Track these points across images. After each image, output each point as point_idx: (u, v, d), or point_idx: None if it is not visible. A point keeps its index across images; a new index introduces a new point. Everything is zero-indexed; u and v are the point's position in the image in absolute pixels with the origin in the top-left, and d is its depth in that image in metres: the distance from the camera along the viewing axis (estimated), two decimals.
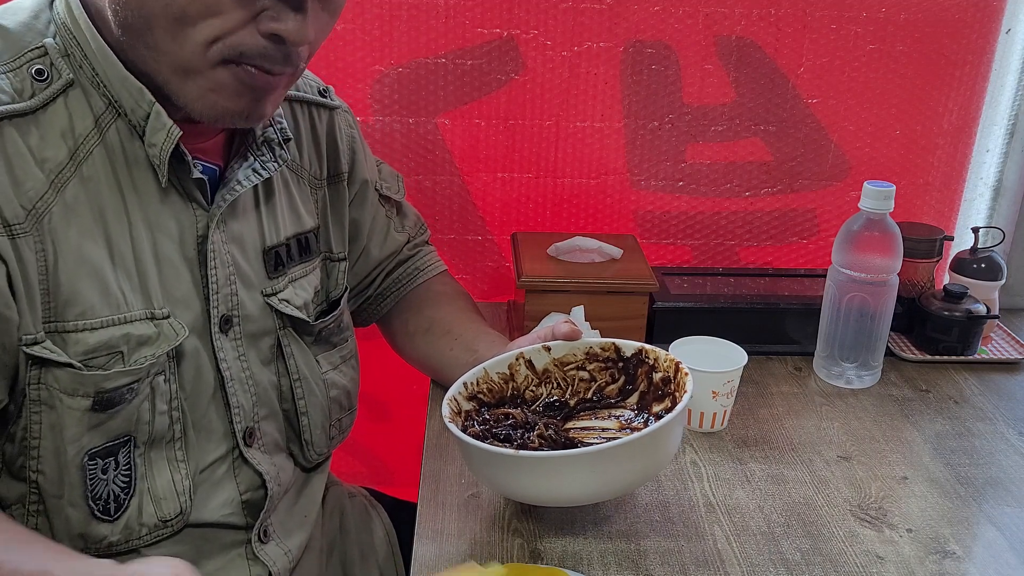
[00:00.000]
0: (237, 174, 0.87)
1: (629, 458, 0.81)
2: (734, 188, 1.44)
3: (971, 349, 1.27)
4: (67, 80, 0.77)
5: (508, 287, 1.47)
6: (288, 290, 0.94)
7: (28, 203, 0.74)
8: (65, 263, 0.76)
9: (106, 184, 0.79)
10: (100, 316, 0.78)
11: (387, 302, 1.15)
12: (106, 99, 0.79)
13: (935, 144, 1.44)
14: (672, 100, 1.38)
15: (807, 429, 1.11)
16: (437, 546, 0.89)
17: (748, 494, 0.98)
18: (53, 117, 0.76)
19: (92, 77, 0.78)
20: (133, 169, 0.80)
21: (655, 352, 0.95)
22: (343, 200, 1.05)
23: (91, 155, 0.78)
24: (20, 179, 0.74)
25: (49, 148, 0.76)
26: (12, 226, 0.73)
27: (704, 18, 1.34)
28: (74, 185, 0.77)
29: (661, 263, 1.47)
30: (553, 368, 0.98)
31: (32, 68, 0.76)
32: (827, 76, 1.38)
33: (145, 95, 0.78)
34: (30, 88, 0.76)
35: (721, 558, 0.88)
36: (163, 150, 0.79)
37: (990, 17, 1.36)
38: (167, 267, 0.83)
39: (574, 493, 0.83)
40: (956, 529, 0.93)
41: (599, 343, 0.98)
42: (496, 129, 1.38)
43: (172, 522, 0.85)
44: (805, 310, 1.27)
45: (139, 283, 0.81)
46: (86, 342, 0.78)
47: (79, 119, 0.78)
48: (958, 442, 1.09)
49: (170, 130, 0.79)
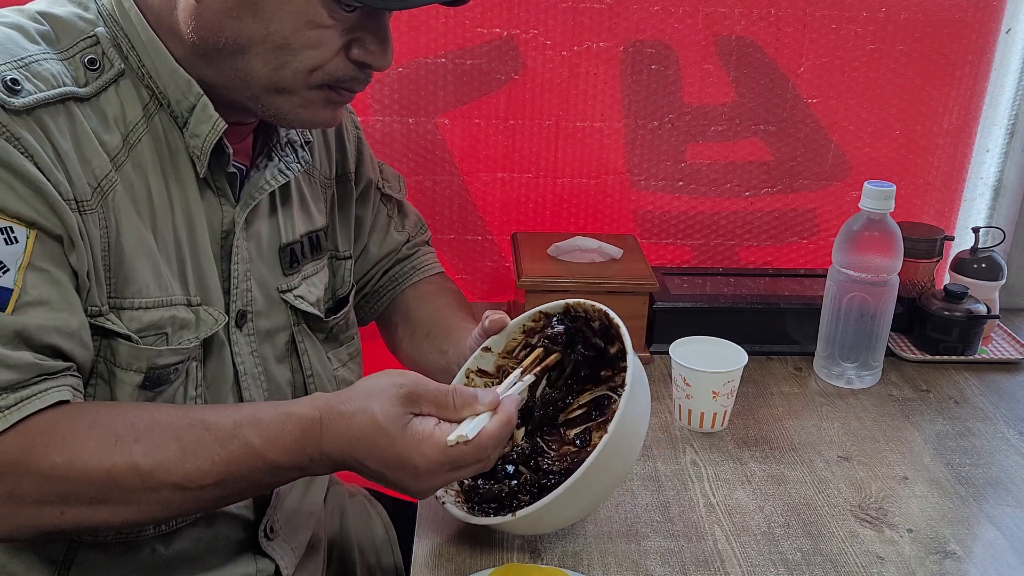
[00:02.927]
0: (264, 173, 0.89)
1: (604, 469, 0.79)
2: (734, 188, 1.44)
3: (971, 349, 1.27)
4: (118, 70, 0.79)
5: (508, 287, 1.47)
6: (302, 287, 0.95)
7: (94, 181, 0.76)
8: (125, 241, 0.78)
9: (152, 172, 0.81)
10: (153, 296, 0.80)
11: (382, 300, 1.15)
12: (150, 90, 0.81)
13: (935, 144, 1.43)
14: (672, 100, 1.38)
15: (807, 429, 1.11)
16: (437, 546, 0.88)
17: (748, 494, 0.98)
18: (106, 104, 0.78)
19: (138, 67, 0.80)
20: (175, 159, 0.82)
21: (581, 304, 0.91)
22: (350, 199, 1.06)
23: (140, 142, 0.80)
24: (88, 156, 0.76)
25: (106, 132, 0.78)
26: (81, 202, 0.74)
27: (704, 18, 1.34)
28: (127, 169, 0.79)
29: (661, 263, 1.47)
30: (503, 361, 0.94)
31: (85, 57, 0.78)
32: (827, 76, 1.38)
33: (193, 87, 0.81)
34: (84, 76, 0.77)
35: (721, 558, 0.88)
36: (207, 141, 0.81)
37: (990, 17, 1.36)
38: (201, 257, 0.85)
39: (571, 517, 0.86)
40: (956, 529, 0.93)
41: (529, 315, 0.94)
42: (496, 129, 1.38)
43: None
44: (805, 310, 1.27)
45: (177, 269, 0.83)
46: (140, 320, 0.79)
47: (129, 107, 0.80)
48: (958, 442, 1.09)
49: (215, 123, 0.81)
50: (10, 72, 0.72)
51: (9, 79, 0.71)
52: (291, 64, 0.78)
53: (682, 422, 1.10)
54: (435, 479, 0.75)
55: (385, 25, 0.81)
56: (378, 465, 0.74)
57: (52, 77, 0.74)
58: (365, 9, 0.78)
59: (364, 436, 0.73)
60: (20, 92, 0.71)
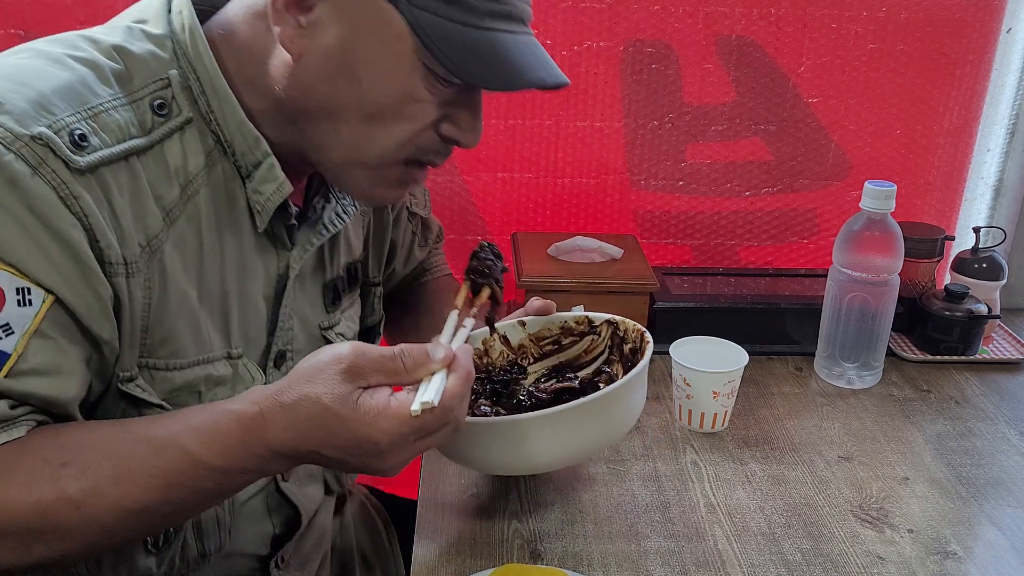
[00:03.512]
0: (322, 217, 0.86)
1: (580, 420, 0.81)
2: (734, 188, 1.44)
3: (972, 349, 1.27)
4: (186, 117, 0.75)
5: (508, 287, 1.46)
6: (342, 323, 0.94)
7: (145, 240, 0.72)
8: (167, 302, 0.74)
9: (207, 224, 0.77)
10: (189, 356, 0.77)
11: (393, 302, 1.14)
12: (215, 136, 0.77)
13: (936, 144, 1.43)
14: (672, 100, 1.38)
15: (808, 429, 1.11)
16: (437, 546, 0.88)
17: (749, 494, 0.98)
18: (169, 153, 0.75)
19: (207, 112, 0.77)
20: (231, 210, 0.79)
21: (624, 323, 0.95)
22: (386, 225, 1.04)
23: (198, 194, 0.76)
24: (142, 214, 0.72)
25: (164, 185, 0.74)
26: (129, 264, 0.71)
27: (704, 17, 1.33)
28: (181, 222, 0.75)
29: (661, 263, 1.47)
30: (529, 343, 0.98)
31: (155, 101, 0.74)
32: (827, 76, 1.38)
33: (261, 144, 0.78)
34: (150, 122, 0.73)
35: (722, 559, 0.88)
36: (271, 201, 0.79)
37: (990, 16, 1.36)
38: (249, 307, 0.82)
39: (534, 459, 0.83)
40: (957, 529, 0.93)
41: (573, 316, 0.97)
42: (496, 129, 1.38)
43: (211, 556, 0.84)
44: (806, 310, 1.27)
45: (221, 322, 0.80)
46: (172, 381, 0.76)
47: (192, 157, 0.76)
48: (959, 442, 1.09)
49: (281, 184, 0.78)
50: (79, 125, 0.68)
51: (78, 134, 0.68)
52: (379, 138, 0.75)
53: (682, 422, 1.10)
54: (402, 453, 0.69)
55: (479, 101, 0.78)
56: (336, 452, 0.68)
57: (119, 129, 0.71)
58: (463, 84, 0.75)
59: (314, 424, 0.67)
60: (86, 148, 0.68)
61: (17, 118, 0.66)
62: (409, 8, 0.71)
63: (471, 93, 0.77)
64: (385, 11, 0.71)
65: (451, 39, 0.72)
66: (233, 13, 0.78)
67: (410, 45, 0.72)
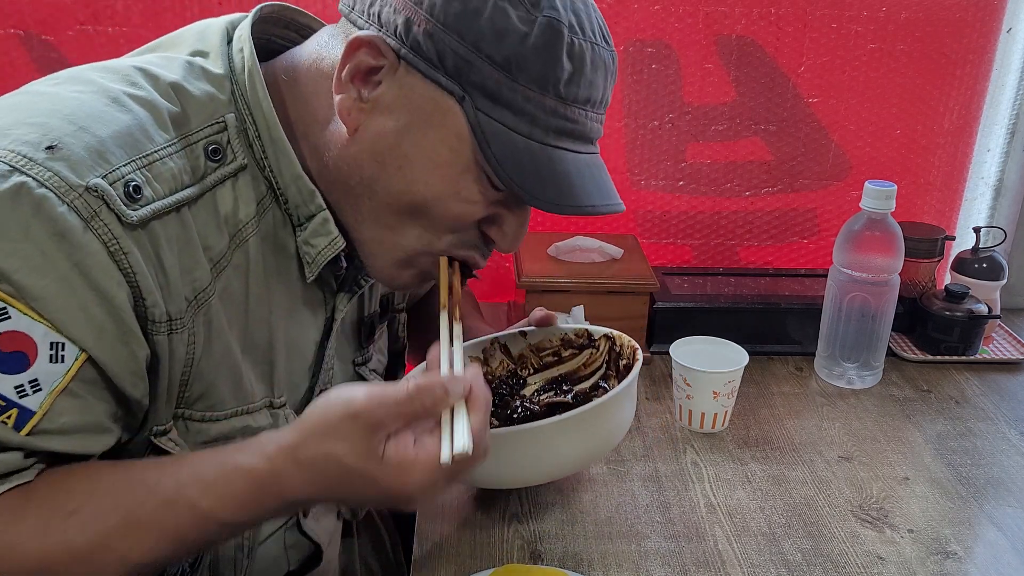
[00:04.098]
0: None
1: (568, 433, 0.81)
2: (734, 188, 1.44)
3: (972, 349, 1.27)
4: (240, 164, 0.72)
5: (508, 287, 1.47)
6: (374, 359, 0.93)
7: (191, 294, 0.69)
8: (211, 355, 0.72)
9: (255, 272, 0.74)
10: (228, 408, 0.75)
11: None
12: (268, 183, 0.74)
13: (936, 144, 1.43)
14: (672, 99, 1.38)
15: (808, 429, 1.11)
16: (437, 546, 0.88)
17: (749, 495, 0.98)
18: (220, 201, 0.71)
19: (261, 159, 0.73)
20: (280, 257, 0.76)
21: (621, 338, 0.95)
22: None
23: (247, 242, 0.73)
24: (190, 268, 0.69)
25: (213, 235, 0.71)
26: (174, 320, 0.68)
27: (704, 17, 1.33)
28: (228, 272, 0.72)
29: (661, 263, 1.47)
30: (528, 353, 0.98)
31: (209, 146, 0.70)
32: (827, 75, 1.38)
33: (316, 198, 0.74)
34: (202, 167, 0.70)
35: (722, 559, 0.88)
36: (322, 255, 0.76)
37: (991, 16, 1.36)
38: (294, 354, 0.80)
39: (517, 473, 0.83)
40: (957, 529, 0.93)
41: (572, 329, 0.98)
42: None
43: None
44: (806, 310, 1.27)
45: (265, 371, 0.78)
46: (207, 432, 0.74)
47: (243, 204, 0.73)
48: (959, 442, 1.09)
49: (334, 240, 0.76)
50: (134, 176, 0.65)
51: (133, 186, 0.64)
52: (418, 229, 0.73)
53: (682, 422, 1.10)
54: (434, 493, 0.67)
55: (527, 213, 0.76)
56: (365, 501, 0.68)
57: (172, 178, 0.67)
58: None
59: (337, 482, 0.65)
60: (139, 200, 0.64)
61: (73, 166, 0.62)
62: (475, 111, 0.69)
63: (522, 201, 0.75)
64: (449, 108, 0.69)
65: (512, 149, 0.69)
66: (300, 61, 0.75)
67: (469, 145, 0.69)
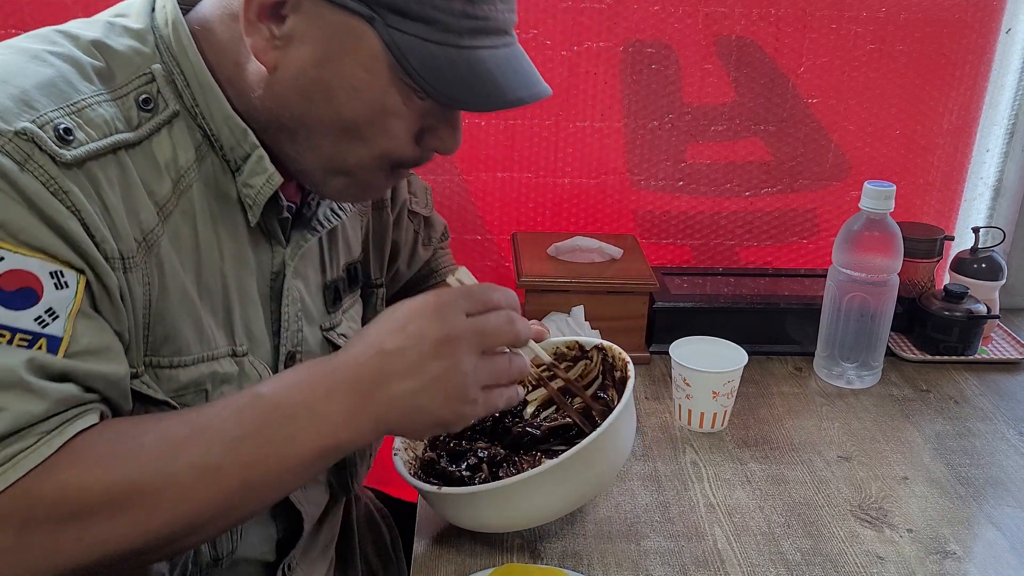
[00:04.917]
0: (317, 213, 0.86)
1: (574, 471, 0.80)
2: (734, 188, 1.44)
3: (971, 349, 1.27)
4: (172, 111, 0.74)
5: (508, 287, 1.47)
6: (343, 324, 0.94)
7: (140, 235, 0.71)
8: (168, 298, 0.74)
9: (201, 218, 0.76)
10: (192, 354, 0.76)
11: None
12: (203, 130, 0.76)
13: (935, 144, 1.44)
14: (672, 100, 1.38)
15: (807, 429, 1.11)
16: (437, 545, 0.89)
17: (748, 494, 0.98)
18: (158, 149, 0.74)
19: (192, 107, 0.76)
20: (224, 204, 0.78)
21: (612, 349, 0.94)
22: (387, 226, 1.04)
23: (191, 188, 0.76)
24: (136, 209, 0.71)
25: (156, 180, 0.73)
26: (126, 259, 0.70)
27: (704, 18, 1.33)
28: (175, 217, 0.74)
29: (661, 263, 1.47)
30: None
31: (140, 96, 0.73)
32: (827, 76, 1.38)
33: (248, 137, 0.76)
34: (136, 117, 0.72)
35: (721, 558, 0.88)
36: (261, 193, 0.78)
37: (990, 17, 1.36)
38: (248, 303, 0.81)
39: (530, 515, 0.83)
40: (956, 529, 0.93)
41: (564, 342, 0.97)
42: (496, 129, 1.38)
43: (223, 560, 0.83)
44: (805, 310, 1.27)
45: (224, 319, 0.79)
46: (177, 379, 0.76)
47: (182, 151, 0.75)
48: (958, 442, 1.09)
49: (271, 176, 0.77)
50: (63, 120, 0.67)
51: (63, 128, 0.66)
52: (357, 152, 0.75)
53: (682, 422, 1.10)
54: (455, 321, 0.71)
55: (458, 113, 0.79)
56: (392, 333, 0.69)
57: (105, 124, 0.70)
58: None
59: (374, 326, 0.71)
60: (72, 143, 0.67)
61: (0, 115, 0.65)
62: (386, 28, 0.69)
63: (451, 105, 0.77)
64: (361, 31, 0.70)
65: (429, 60, 0.70)
66: (208, 11, 0.76)
67: (386, 64, 0.71)
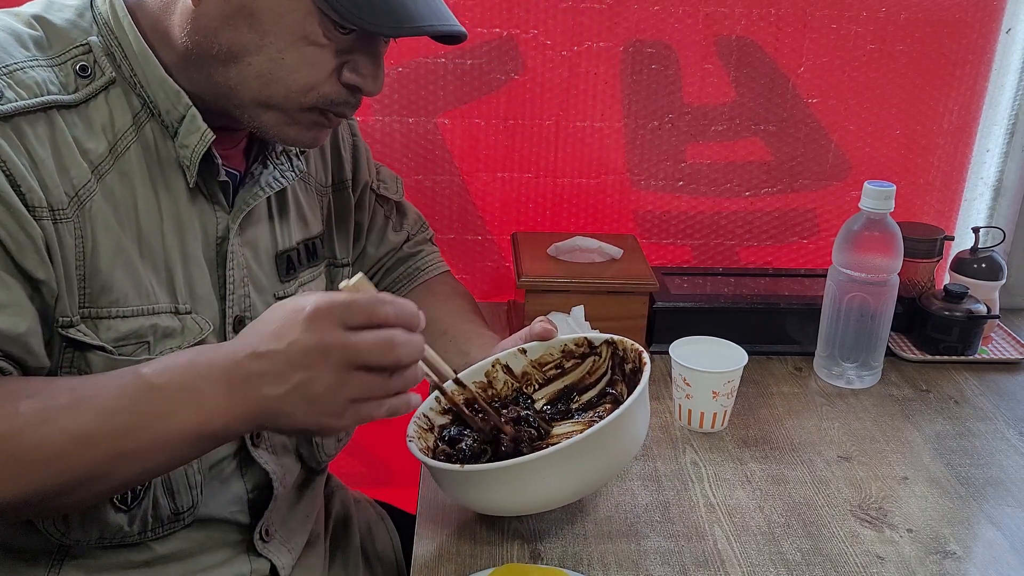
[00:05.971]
0: (259, 180, 0.89)
1: (589, 454, 0.80)
2: (734, 188, 1.44)
3: (971, 349, 1.27)
4: (109, 78, 0.79)
5: (508, 287, 1.47)
6: (298, 294, 0.95)
7: (71, 190, 0.75)
8: (103, 251, 0.77)
9: (140, 180, 0.81)
10: (131, 305, 0.80)
11: None
12: (142, 99, 0.81)
13: (935, 144, 1.43)
14: (672, 100, 1.38)
15: (807, 429, 1.11)
16: (437, 546, 0.89)
17: (748, 494, 0.98)
18: (95, 112, 0.78)
19: (130, 76, 0.80)
20: (165, 168, 0.82)
21: (623, 342, 0.95)
22: (348, 206, 1.06)
23: (128, 151, 0.80)
24: (66, 165, 0.75)
25: (91, 140, 0.78)
26: (56, 211, 0.74)
27: (704, 18, 1.34)
28: (112, 177, 0.79)
29: (661, 263, 1.47)
30: (531, 370, 0.97)
31: (77, 64, 0.78)
32: (827, 76, 1.38)
33: (182, 98, 0.81)
34: (74, 83, 0.78)
35: (721, 558, 0.88)
36: (195, 152, 0.81)
37: (990, 17, 1.36)
38: (192, 265, 0.84)
39: (540, 498, 0.83)
40: (956, 529, 0.93)
41: (573, 339, 0.97)
42: (496, 129, 1.38)
43: (184, 515, 0.85)
44: (805, 310, 1.27)
45: (165, 278, 0.83)
46: (117, 329, 0.79)
47: (119, 115, 0.80)
48: (958, 442, 1.09)
49: (204, 133, 0.81)
50: None
51: None
52: (283, 80, 0.78)
53: (682, 422, 1.10)
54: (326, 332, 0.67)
55: (379, 50, 0.82)
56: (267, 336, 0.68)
57: (36, 85, 0.75)
58: (360, 32, 0.78)
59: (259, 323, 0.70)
60: (1, 100, 0.72)
61: None
62: None
63: (371, 41, 0.80)
64: None
65: None
66: None
67: None
